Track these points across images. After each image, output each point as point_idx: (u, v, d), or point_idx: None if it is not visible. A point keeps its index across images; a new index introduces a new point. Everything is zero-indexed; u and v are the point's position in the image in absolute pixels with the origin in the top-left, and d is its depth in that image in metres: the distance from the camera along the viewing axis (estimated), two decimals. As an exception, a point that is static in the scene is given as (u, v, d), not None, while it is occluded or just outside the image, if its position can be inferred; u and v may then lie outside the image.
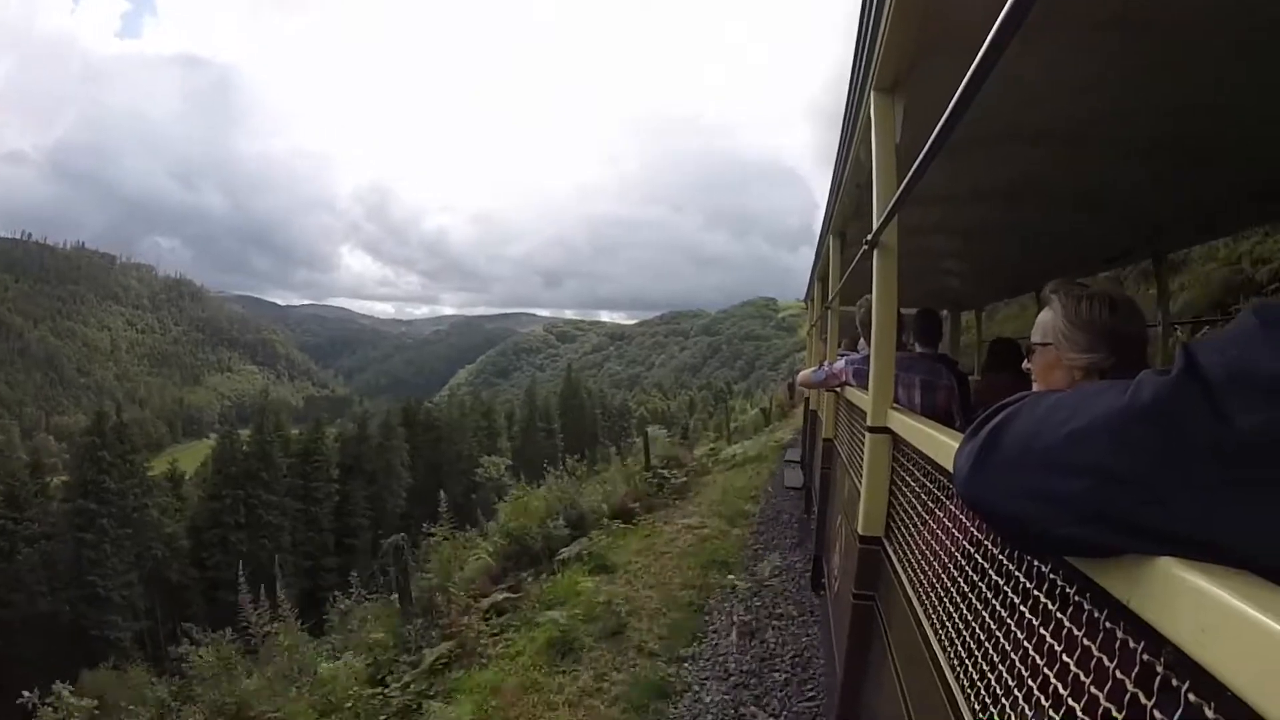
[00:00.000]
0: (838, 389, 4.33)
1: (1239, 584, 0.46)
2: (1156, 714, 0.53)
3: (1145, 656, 0.56)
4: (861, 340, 3.63)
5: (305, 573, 46.50)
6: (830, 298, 5.17)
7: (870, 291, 2.31)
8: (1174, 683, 0.51)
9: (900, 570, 1.81)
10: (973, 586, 1.12)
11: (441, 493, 9.40)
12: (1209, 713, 0.45)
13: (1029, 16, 0.77)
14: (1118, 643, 0.62)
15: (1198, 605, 0.48)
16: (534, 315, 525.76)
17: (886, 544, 2.09)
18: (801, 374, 5.53)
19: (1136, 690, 0.57)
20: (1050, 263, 5.25)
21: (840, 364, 4.02)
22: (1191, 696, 0.48)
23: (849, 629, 2.32)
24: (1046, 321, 1.52)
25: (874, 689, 2.09)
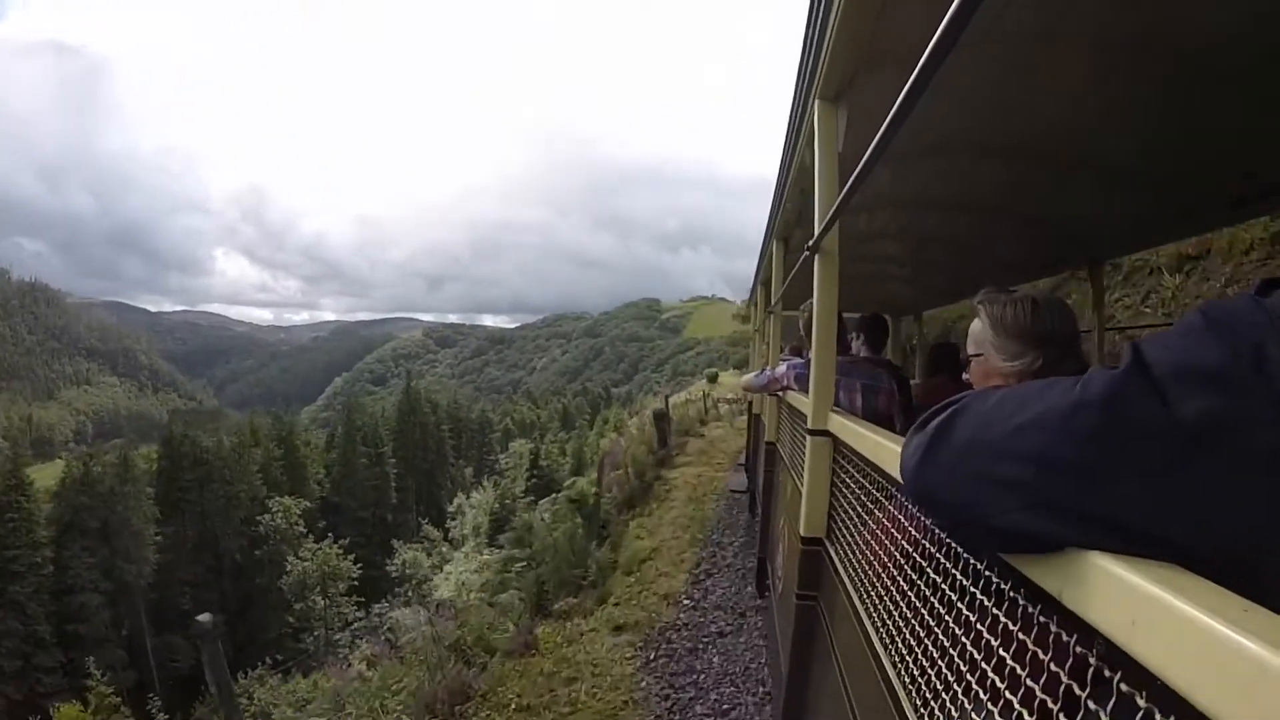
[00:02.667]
0: (780, 393, 4.40)
1: (1166, 576, 0.47)
2: (1090, 704, 0.54)
3: (1078, 649, 0.57)
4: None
5: (13, 677, 33.81)
6: (773, 302, 5.22)
7: (812, 296, 2.33)
8: (1107, 674, 0.52)
9: (841, 570, 1.83)
10: (911, 585, 1.14)
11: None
12: (1141, 702, 0.46)
13: (965, 32, 0.80)
14: (1052, 636, 0.63)
15: (1127, 598, 0.49)
16: (416, 320, 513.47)
17: (828, 545, 2.11)
18: (744, 378, 5.58)
19: (1071, 681, 0.58)
20: (989, 269, 5.30)
21: (782, 368, 4.08)
22: (1124, 686, 0.49)
23: (793, 629, 2.34)
24: (976, 332, 1.57)
25: (818, 687, 2.12)
